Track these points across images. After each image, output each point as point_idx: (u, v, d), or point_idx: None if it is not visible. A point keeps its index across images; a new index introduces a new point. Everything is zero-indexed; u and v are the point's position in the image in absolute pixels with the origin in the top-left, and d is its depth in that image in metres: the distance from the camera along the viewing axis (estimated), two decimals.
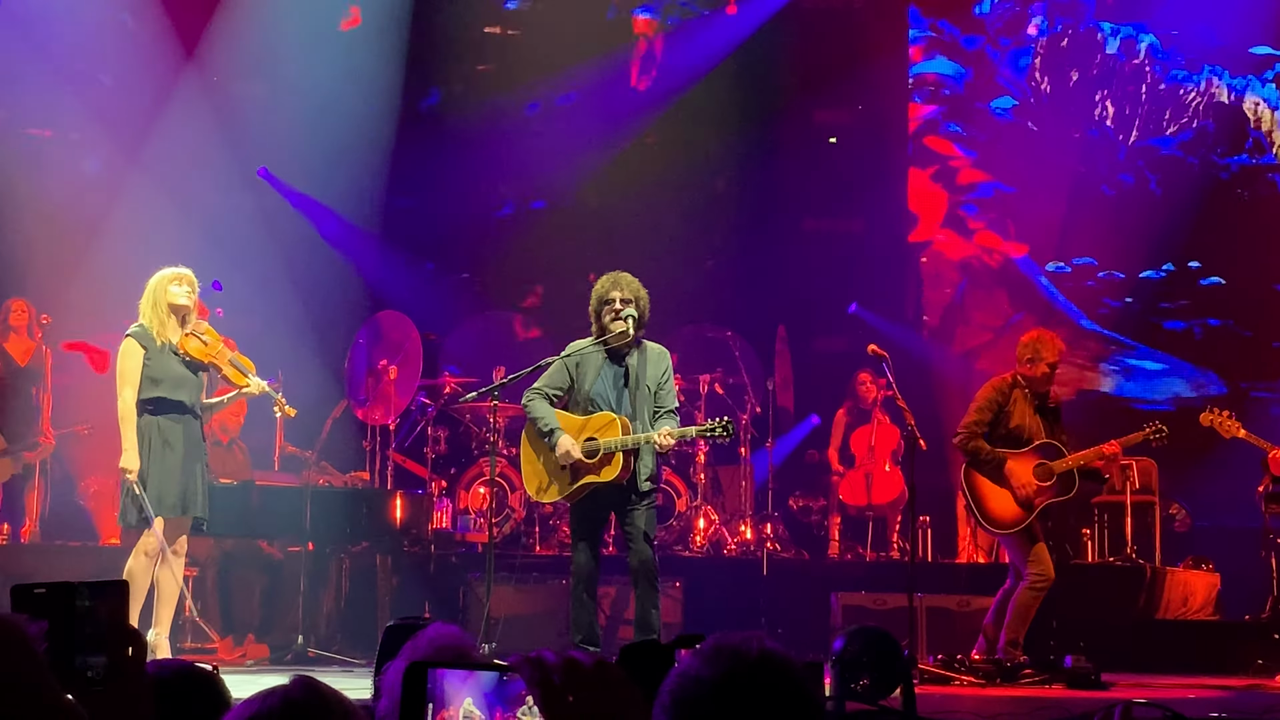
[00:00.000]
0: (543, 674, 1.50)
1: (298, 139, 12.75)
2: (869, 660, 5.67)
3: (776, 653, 1.86)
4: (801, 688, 1.83)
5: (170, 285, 7.77)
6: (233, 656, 9.35)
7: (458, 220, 13.59)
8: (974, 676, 8.29)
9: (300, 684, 1.77)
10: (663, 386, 7.58)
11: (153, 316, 7.75)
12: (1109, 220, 13.34)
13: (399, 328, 11.45)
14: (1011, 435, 8.61)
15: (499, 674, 1.74)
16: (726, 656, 1.83)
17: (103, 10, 12.28)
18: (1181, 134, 13.41)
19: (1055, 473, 8.52)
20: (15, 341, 11.15)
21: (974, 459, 8.58)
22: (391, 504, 9.94)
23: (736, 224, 14.04)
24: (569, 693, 1.48)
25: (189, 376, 7.78)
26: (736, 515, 11.90)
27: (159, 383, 7.71)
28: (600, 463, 7.41)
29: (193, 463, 7.76)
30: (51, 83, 12.30)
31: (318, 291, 12.76)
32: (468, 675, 1.74)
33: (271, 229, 12.84)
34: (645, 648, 2.56)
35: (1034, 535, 8.55)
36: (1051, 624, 9.66)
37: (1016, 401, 8.64)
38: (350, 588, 10.24)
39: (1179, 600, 10.85)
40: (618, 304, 7.50)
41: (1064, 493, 8.58)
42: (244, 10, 12.60)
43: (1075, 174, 13.55)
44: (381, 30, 13.09)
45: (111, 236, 11.86)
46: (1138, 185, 13.41)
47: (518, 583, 9.86)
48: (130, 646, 1.92)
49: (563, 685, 1.48)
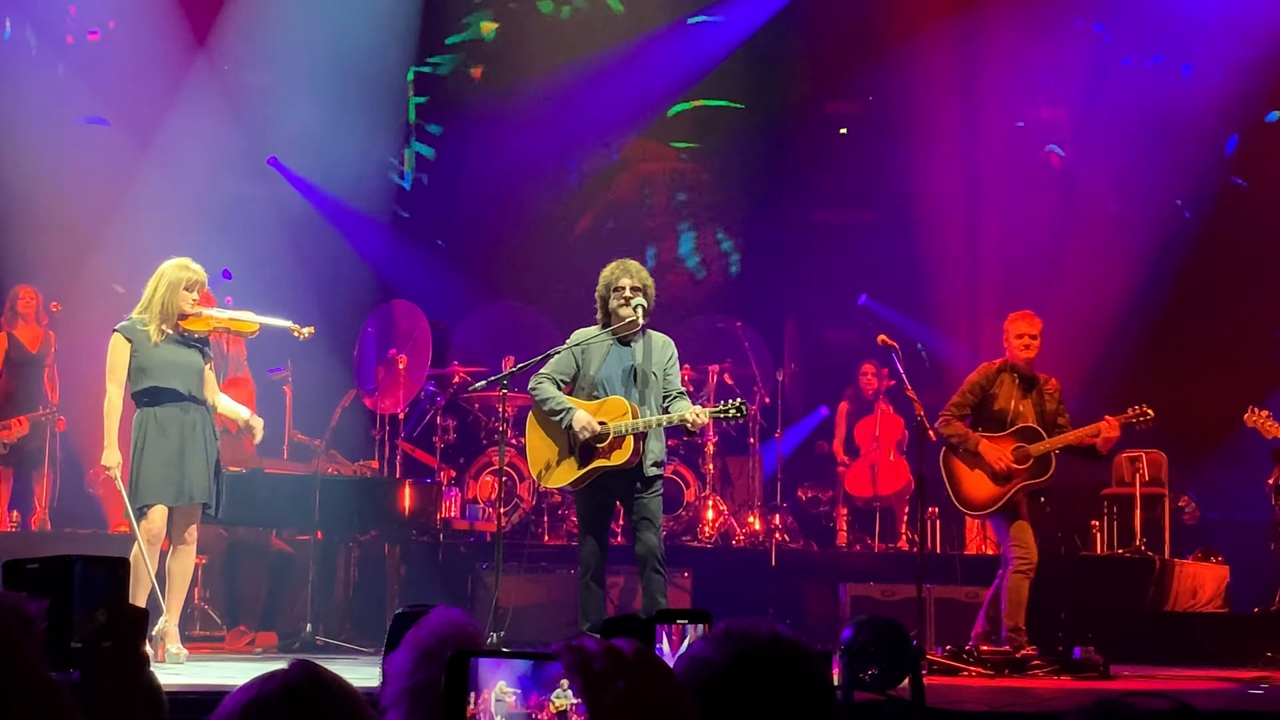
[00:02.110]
0: (583, 661, 1.50)
1: (308, 128, 12.75)
2: (877, 650, 5.68)
3: (786, 636, 1.86)
4: (810, 670, 1.83)
5: (183, 289, 7.72)
6: (241, 644, 9.37)
7: (468, 209, 13.57)
8: (982, 667, 8.28)
9: (299, 667, 1.77)
10: (669, 371, 7.61)
11: (157, 311, 7.71)
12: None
13: (408, 317, 11.45)
14: (995, 418, 8.69)
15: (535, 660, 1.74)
16: (736, 640, 1.83)
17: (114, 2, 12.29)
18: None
19: (1032, 456, 8.52)
20: (23, 328, 11.18)
21: (953, 441, 8.68)
22: (400, 493, 9.94)
23: (747, 214, 14.02)
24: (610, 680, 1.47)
25: (182, 363, 7.71)
26: (745, 506, 11.90)
27: (148, 371, 7.69)
28: (610, 446, 7.41)
29: (193, 449, 7.71)
30: (63, 71, 12.31)
31: (327, 280, 12.76)
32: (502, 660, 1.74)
33: (281, 218, 12.85)
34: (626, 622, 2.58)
35: (1015, 515, 8.58)
36: (1060, 615, 9.65)
37: (1003, 384, 8.71)
38: (359, 576, 10.26)
39: (1188, 592, 10.84)
40: (627, 291, 7.52)
41: (1038, 475, 8.56)
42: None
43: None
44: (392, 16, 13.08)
45: (122, 225, 11.86)
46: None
47: (526, 572, 9.86)
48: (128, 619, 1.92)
49: (604, 672, 1.47)
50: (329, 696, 1.73)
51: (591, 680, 1.46)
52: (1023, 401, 8.67)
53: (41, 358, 11.15)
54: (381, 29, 12.99)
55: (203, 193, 12.50)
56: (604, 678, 1.46)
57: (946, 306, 13.54)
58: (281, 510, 9.60)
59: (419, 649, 2.44)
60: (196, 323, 7.77)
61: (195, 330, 7.77)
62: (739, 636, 1.85)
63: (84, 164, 12.15)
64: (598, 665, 1.47)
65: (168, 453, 7.66)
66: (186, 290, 7.73)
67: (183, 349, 7.76)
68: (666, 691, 1.47)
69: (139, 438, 7.69)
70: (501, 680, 1.76)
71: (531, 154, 13.62)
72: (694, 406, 7.50)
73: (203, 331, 7.82)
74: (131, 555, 7.58)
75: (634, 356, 7.57)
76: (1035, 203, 13.45)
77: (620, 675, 1.46)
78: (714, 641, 1.83)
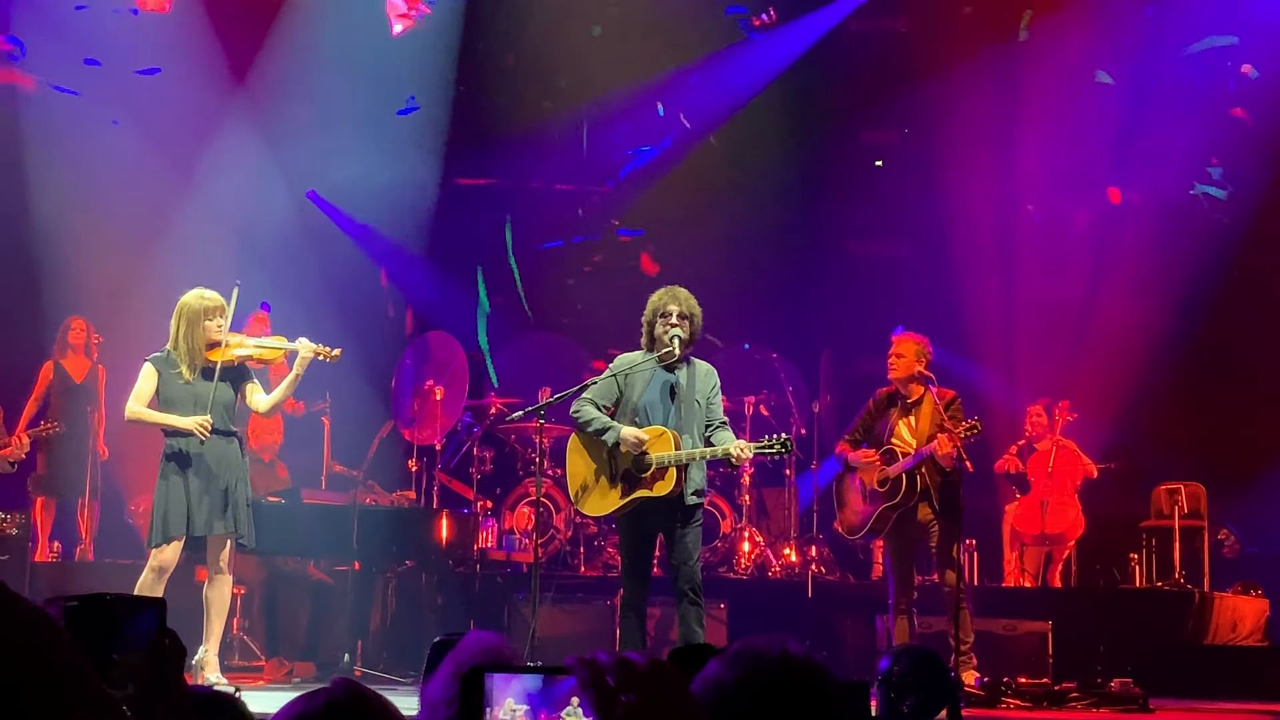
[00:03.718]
0: (596, 675, 1.51)
1: (345, 162, 12.87)
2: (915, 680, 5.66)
3: (797, 654, 1.86)
4: (822, 688, 1.83)
5: (206, 320, 7.75)
6: (279, 674, 9.41)
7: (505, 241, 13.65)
8: (1020, 699, 8.24)
9: (342, 685, 1.79)
10: (712, 401, 7.57)
11: (185, 349, 7.75)
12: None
13: (445, 348, 11.51)
14: (875, 441, 8.70)
15: (544, 676, 1.75)
16: (749, 660, 1.84)
17: (157, 36, 12.42)
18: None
19: (889, 477, 8.50)
20: (72, 359, 11.30)
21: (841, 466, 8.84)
22: (438, 524, 9.98)
23: (782, 245, 14.04)
24: (623, 693, 1.48)
25: (207, 397, 7.71)
26: (781, 537, 11.88)
27: (174, 404, 7.74)
28: (654, 477, 7.40)
29: (216, 483, 7.72)
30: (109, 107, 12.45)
31: (365, 312, 12.84)
32: (513, 676, 1.75)
33: (319, 250, 12.95)
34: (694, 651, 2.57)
35: (894, 548, 8.59)
36: (1099, 648, 9.60)
37: (888, 406, 8.72)
38: (396, 607, 10.28)
39: (1228, 626, 10.76)
40: (674, 319, 7.50)
41: (892, 499, 8.49)
42: (293, 34, 12.73)
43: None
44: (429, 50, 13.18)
45: (163, 259, 11.98)
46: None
47: (562, 602, 9.87)
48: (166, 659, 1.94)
49: (617, 686, 1.48)
50: (370, 713, 1.75)
51: (604, 694, 1.48)
52: (900, 420, 8.64)
53: (88, 389, 11.24)
54: (418, 63, 13.09)
55: (243, 226, 12.62)
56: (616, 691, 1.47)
57: (982, 338, 13.51)
58: (320, 540, 9.65)
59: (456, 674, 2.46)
60: (221, 353, 7.79)
61: (221, 361, 7.78)
62: (751, 655, 1.86)
63: (128, 197, 12.30)
64: (610, 678, 1.48)
65: (190, 487, 7.68)
66: (208, 320, 7.75)
67: (210, 383, 7.76)
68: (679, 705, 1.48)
69: (164, 470, 7.75)
70: (510, 697, 1.76)
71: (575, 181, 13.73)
72: (738, 441, 7.44)
73: (229, 362, 7.82)
74: (137, 584, 7.62)
75: (677, 383, 7.57)
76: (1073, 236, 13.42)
77: (632, 688, 1.47)
78: (726, 661, 1.84)
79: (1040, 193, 13.58)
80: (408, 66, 13.00)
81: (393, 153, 13.04)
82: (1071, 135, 13.41)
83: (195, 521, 7.67)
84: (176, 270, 11.35)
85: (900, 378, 8.67)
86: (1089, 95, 13.24)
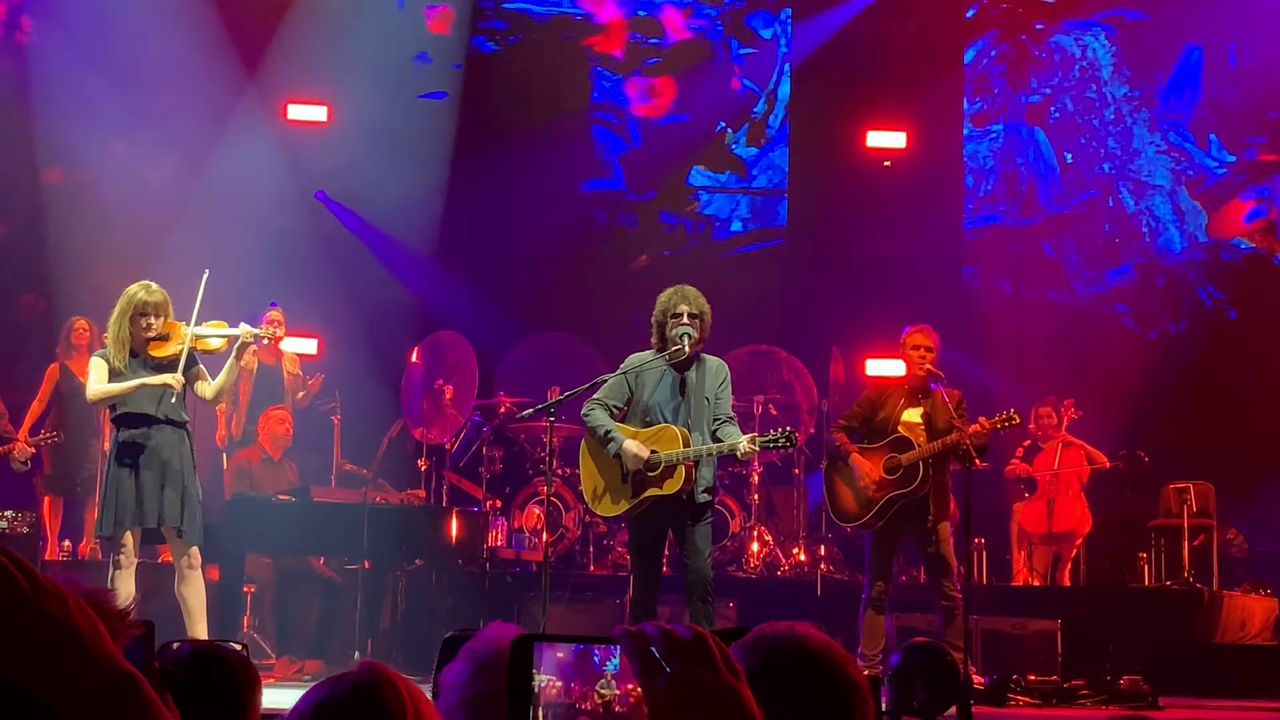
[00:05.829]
0: (641, 645, 1.52)
1: (355, 162, 12.89)
2: (925, 675, 5.68)
3: (813, 639, 1.87)
4: (838, 674, 1.84)
5: (136, 315, 7.64)
6: (290, 672, 9.42)
7: (514, 241, 13.66)
8: (1029, 697, 8.24)
9: (367, 668, 1.80)
10: (720, 396, 7.57)
11: (114, 343, 7.67)
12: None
13: (455, 347, 11.53)
14: (877, 429, 8.67)
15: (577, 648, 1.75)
16: (765, 645, 1.86)
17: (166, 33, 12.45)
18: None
19: (902, 465, 8.48)
20: (77, 360, 11.30)
21: (830, 454, 8.86)
22: (447, 522, 9.97)
23: (789, 246, 14.05)
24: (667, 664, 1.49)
25: (154, 387, 7.62)
26: (790, 537, 11.88)
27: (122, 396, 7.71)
28: (663, 475, 7.41)
29: (164, 473, 7.64)
30: (117, 109, 12.48)
31: (374, 311, 12.85)
32: (545, 648, 1.75)
33: (329, 250, 12.96)
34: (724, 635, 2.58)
35: (883, 540, 8.56)
36: (1108, 647, 9.60)
37: (890, 397, 8.70)
38: (406, 605, 10.29)
39: (1236, 625, 10.76)
40: (685, 318, 7.50)
41: (905, 485, 8.46)
42: (303, 33, 12.76)
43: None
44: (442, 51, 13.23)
45: (173, 258, 11.99)
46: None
47: (572, 601, 9.88)
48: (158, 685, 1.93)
49: (662, 657, 1.49)
50: (396, 694, 1.76)
51: (648, 664, 1.49)
52: (909, 411, 8.62)
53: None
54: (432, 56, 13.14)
55: (252, 225, 12.63)
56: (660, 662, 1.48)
57: (991, 338, 13.51)
58: (330, 539, 9.65)
59: (475, 661, 2.47)
60: (166, 347, 7.70)
61: (160, 356, 7.70)
62: (767, 641, 1.87)
63: (136, 195, 12.32)
64: (656, 649, 1.49)
65: (137, 477, 7.63)
66: (141, 316, 7.64)
67: (156, 372, 7.68)
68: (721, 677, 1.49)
69: (111, 459, 7.74)
70: (541, 668, 1.76)
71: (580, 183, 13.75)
72: (745, 435, 7.44)
73: (167, 358, 7.71)
74: (108, 579, 7.62)
75: (686, 381, 7.57)
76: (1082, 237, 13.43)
77: (676, 659, 1.48)
78: (744, 648, 1.85)
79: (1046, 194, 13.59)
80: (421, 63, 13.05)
81: (403, 152, 13.06)
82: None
83: (147, 512, 7.63)
84: (185, 269, 11.36)
85: (930, 370, 8.68)
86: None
